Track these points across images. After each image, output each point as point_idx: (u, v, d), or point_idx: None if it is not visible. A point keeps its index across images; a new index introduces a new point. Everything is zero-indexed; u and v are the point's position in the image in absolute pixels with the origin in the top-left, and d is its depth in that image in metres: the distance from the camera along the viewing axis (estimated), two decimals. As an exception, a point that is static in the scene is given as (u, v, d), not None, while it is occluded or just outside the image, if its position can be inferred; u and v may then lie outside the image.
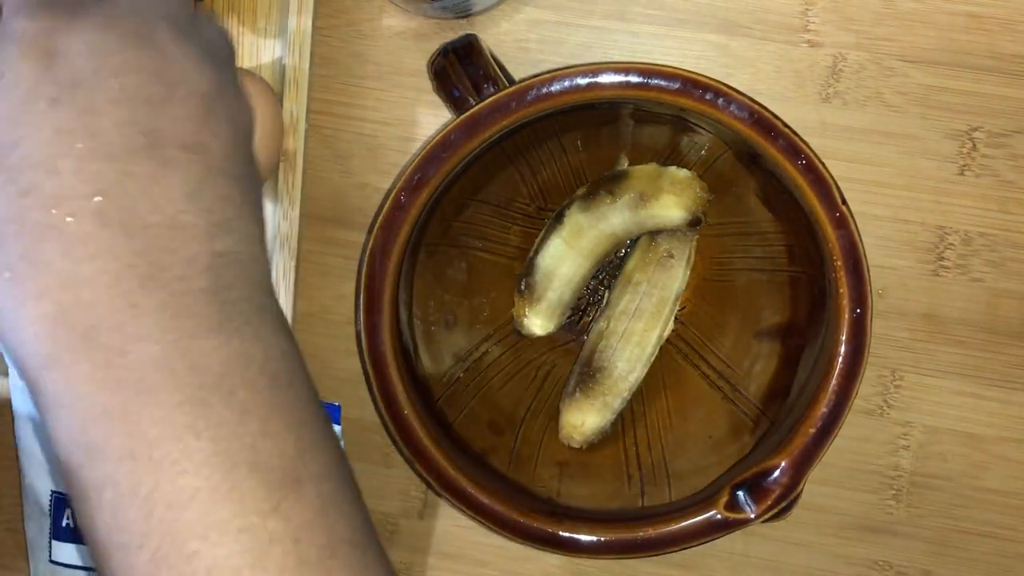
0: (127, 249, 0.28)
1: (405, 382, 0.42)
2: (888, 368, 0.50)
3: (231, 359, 0.28)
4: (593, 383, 0.47)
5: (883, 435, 0.50)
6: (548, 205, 0.49)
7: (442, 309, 0.48)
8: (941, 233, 0.49)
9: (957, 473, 0.50)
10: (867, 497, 0.51)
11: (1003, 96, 0.47)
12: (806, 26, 0.48)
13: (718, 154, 0.46)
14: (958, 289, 0.49)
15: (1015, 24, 0.47)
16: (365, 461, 0.52)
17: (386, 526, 0.53)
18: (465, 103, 0.41)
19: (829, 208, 0.40)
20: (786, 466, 0.41)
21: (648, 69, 0.39)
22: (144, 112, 0.29)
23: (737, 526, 0.42)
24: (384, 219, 0.41)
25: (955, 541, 0.51)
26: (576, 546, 0.42)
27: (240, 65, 0.49)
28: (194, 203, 0.29)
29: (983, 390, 0.50)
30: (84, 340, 0.27)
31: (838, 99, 0.48)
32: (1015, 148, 0.48)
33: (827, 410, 0.41)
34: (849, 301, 0.40)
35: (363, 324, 0.42)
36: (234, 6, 0.49)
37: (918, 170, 0.48)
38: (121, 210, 0.28)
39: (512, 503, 0.43)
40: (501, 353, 0.49)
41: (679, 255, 0.47)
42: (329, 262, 0.51)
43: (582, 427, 0.47)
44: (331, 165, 0.51)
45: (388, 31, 0.49)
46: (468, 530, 0.52)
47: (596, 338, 0.48)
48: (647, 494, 0.45)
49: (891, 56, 0.48)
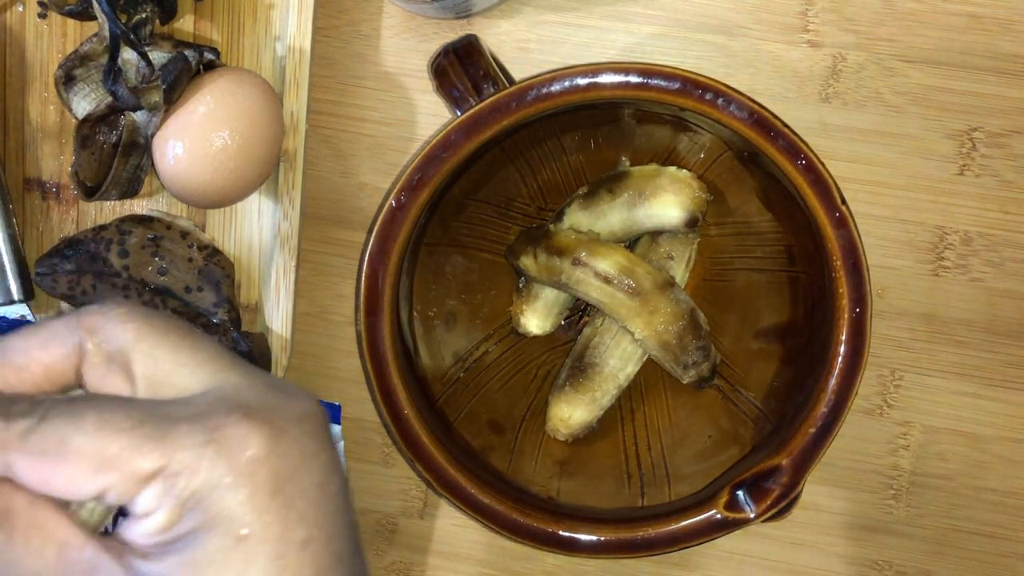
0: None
1: (405, 382, 0.42)
2: (888, 368, 0.50)
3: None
4: (584, 378, 0.47)
5: (883, 435, 0.50)
6: (548, 205, 0.49)
7: (442, 308, 0.48)
8: (941, 233, 0.49)
9: (957, 473, 0.50)
10: (867, 497, 0.51)
11: (1003, 96, 0.47)
12: (806, 26, 0.48)
13: (718, 154, 0.46)
14: (958, 289, 0.49)
15: (1015, 24, 0.47)
16: (365, 461, 0.52)
17: (386, 526, 0.53)
18: (465, 103, 0.41)
19: (829, 208, 0.40)
20: (786, 466, 0.41)
21: (648, 69, 0.40)
22: (344, 521, 0.30)
23: (737, 526, 0.42)
24: (384, 219, 0.41)
25: (955, 541, 0.51)
26: (576, 546, 0.42)
27: (240, 65, 0.49)
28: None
29: (983, 390, 0.50)
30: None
31: (838, 99, 0.48)
32: (1015, 148, 0.48)
33: (827, 410, 0.41)
34: (849, 301, 0.40)
35: (363, 324, 0.42)
36: (234, 6, 0.49)
37: (918, 170, 0.48)
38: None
39: (512, 503, 0.43)
40: (501, 353, 0.49)
41: (679, 256, 0.47)
42: (329, 262, 0.51)
43: (569, 420, 0.47)
44: (331, 165, 0.51)
45: (388, 31, 0.49)
46: (468, 530, 0.52)
47: (590, 334, 0.48)
48: (647, 494, 0.45)
49: (891, 56, 0.48)
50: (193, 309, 0.48)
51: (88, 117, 0.46)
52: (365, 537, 0.53)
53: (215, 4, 0.49)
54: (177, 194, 0.46)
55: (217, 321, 0.48)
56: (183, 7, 0.48)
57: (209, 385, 0.29)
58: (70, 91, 0.47)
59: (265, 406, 0.28)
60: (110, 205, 0.50)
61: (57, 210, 0.51)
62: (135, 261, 0.48)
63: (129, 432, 0.27)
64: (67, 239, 0.48)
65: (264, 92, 0.45)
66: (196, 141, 0.44)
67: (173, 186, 0.45)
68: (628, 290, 0.44)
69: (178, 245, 0.48)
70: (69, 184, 0.50)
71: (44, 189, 0.50)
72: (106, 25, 0.44)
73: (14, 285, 0.49)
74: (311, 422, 0.29)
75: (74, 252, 0.48)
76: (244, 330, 0.49)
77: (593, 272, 0.44)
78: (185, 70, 0.44)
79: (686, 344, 0.45)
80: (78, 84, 0.47)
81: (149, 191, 0.50)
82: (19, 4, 0.49)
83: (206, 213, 0.50)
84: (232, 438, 0.27)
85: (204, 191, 0.45)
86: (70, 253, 0.48)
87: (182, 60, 0.44)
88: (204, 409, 0.28)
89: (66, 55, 0.47)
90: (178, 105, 0.44)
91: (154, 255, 0.48)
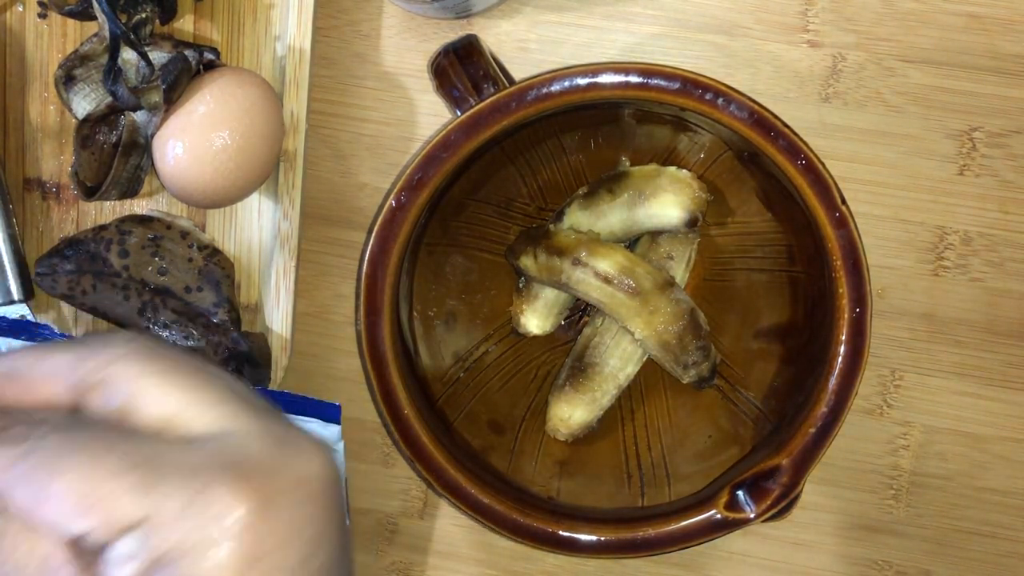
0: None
1: (405, 382, 0.42)
2: (888, 368, 0.50)
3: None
4: (584, 378, 0.47)
5: (883, 435, 0.50)
6: (548, 205, 0.49)
7: (442, 308, 0.48)
8: (941, 233, 0.49)
9: (957, 473, 0.50)
10: (867, 497, 0.51)
11: (1003, 96, 0.47)
12: (806, 26, 0.48)
13: (718, 154, 0.46)
14: (958, 289, 0.49)
15: (1015, 24, 0.47)
16: (365, 461, 0.52)
17: (386, 526, 0.53)
18: (465, 103, 0.41)
19: (829, 208, 0.40)
20: (786, 466, 0.41)
21: (648, 69, 0.39)
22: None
23: (737, 526, 0.42)
24: (384, 219, 0.41)
25: (955, 541, 0.51)
26: (576, 546, 0.42)
27: (240, 65, 0.49)
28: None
29: (983, 390, 0.50)
30: None
31: (838, 99, 0.48)
32: (1015, 148, 0.48)
33: (827, 410, 0.41)
34: (849, 301, 0.40)
35: (363, 324, 0.42)
36: (234, 6, 0.49)
37: (918, 170, 0.48)
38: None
39: (512, 503, 0.43)
40: (501, 353, 0.49)
41: (679, 256, 0.47)
42: (329, 262, 0.51)
43: (569, 420, 0.47)
44: (331, 165, 0.51)
45: (388, 31, 0.49)
46: (468, 530, 0.52)
47: (590, 333, 0.48)
48: (647, 494, 0.45)
49: (891, 56, 0.48)
50: (193, 309, 0.48)
51: (88, 117, 0.46)
52: (365, 537, 0.53)
53: (215, 4, 0.49)
54: (177, 194, 0.46)
55: (217, 321, 0.48)
56: (183, 7, 0.48)
57: (215, 429, 0.28)
58: (70, 91, 0.47)
59: (262, 466, 0.28)
60: (110, 205, 0.50)
61: (57, 210, 0.51)
62: (135, 261, 0.48)
63: (118, 477, 0.26)
64: (67, 239, 0.48)
65: (264, 92, 0.45)
66: (196, 141, 0.44)
67: (173, 186, 0.45)
68: (628, 290, 0.44)
69: (178, 245, 0.48)
70: (69, 184, 0.50)
71: (44, 189, 0.50)
72: (106, 25, 0.44)
73: (14, 285, 0.48)
74: (309, 487, 0.29)
75: (74, 252, 0.48)
76: (244, 330, 0.49)
77: (593, 272, 0.44)
78: (185, 70, 0.44)
79: (686, 344, 0.45)
80: (78, 84, 0.47)
81: (149, 191, 0.50)
82: (19, 4, 0.49)
83: (206, 213, 0.50)
84: (219, 501, 0.26)
85: (204, 191, 0.45)
86: (70, 253, 0.48)
87: (182, 60, 0.44)
88: (200, 462, 0.27)
89: (66, 55, 0.47)
90: (178, 105, 0.44)
91: (154, 255, 0.48)
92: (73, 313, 0.50)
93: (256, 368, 0.48)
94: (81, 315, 0.50)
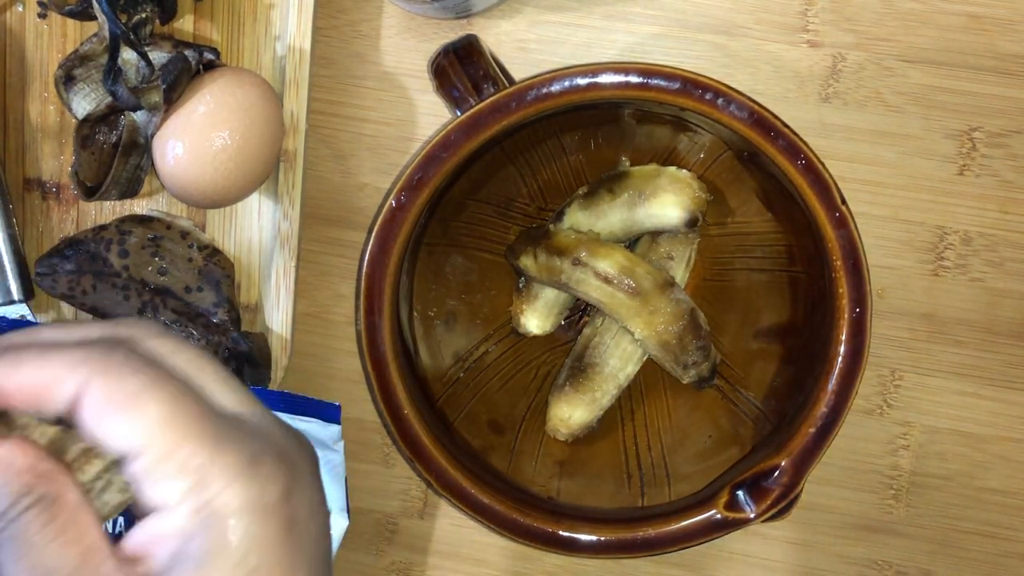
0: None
1: (405, 382, 0.42)
2: (888, 368, 0.50)
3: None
4: (584, 378, 0.47)
5: (883, 435, 0.50)
6: (548, 205, 0.49)
7: (442, 308, 0.48)
8: (941, 233, 0.49)
9: (957, 473, 0.50)
10: (867, 497, 0.51)
11: (1003, 96, 0.47)
12: (806, 26, 0.48)
13: (718, 154, 0.46)
14: (958, 289, 0.49)
15: (1015, 24, 0.47)
16: (365, 461, 0.52)
17: (386, 526, 0.53)
18: (465, 103, 0.41)
19: (829, 208, 0.40)
20: (786, 466, 0.41)
21: (648, 69, 0.39)
22: (328, 571, 0.31)
23: (737, 526, 0.42)
24: (384, 219, 0.41)
25: (955, 541, 0.51)
26: (576, 546, 0.42)
27: (240, 65, 0.49)
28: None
29: (983, 390, 0.50)
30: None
31: (838, 99, 0.48)
32: (1015, 148, 0.48)
33: (827, 410, 0.41)
34: (849, 301, 0.40)
35: (363, 324, 0.42)
36: (234, 6, 0.49)
37: (918, 170, 0.48)
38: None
39: (512, 503, 0.43)
40: (501, 353, 0.49)
41: (679, 256, 0.47)
42: (329, 262, 0.51)
43: (569, 421, 0.47)
44: (331, 165, 0.51)
45: (388, 31, 0.49)
46: (468, 530, 0.52)
47: (590, 333, 0.48)
48: (647, 494, 0.45)
49: (891, 56, 0.48)
50: (193, 309, 0.48)
51: (88, 117, 0.46)
52: (365, 537, 0.53)
53: (215, 4, 0.49)
54: (177, 194, 0.46)
55: (217, 321, 0.48)
56: (183, 7, 0.48)
57: (242, 410, 0.30)
58: (70, 91, 0.47)
59: (287, 448, 0.30)
60: (110, 205, 0.50)
61: (57, 210, 0.51)
62: (135, 261, 0.48)
63: (197, 421, 0.28)
64: (67, 239, 0.48)
65: (264, 92, 0.45)
66: (196, 141, 0.44)
67: (173, 186, 0.45)
68: (628, 290, 0.44)
69: (178, 245, 0.48)
70: (69, 184, 0.50)
71: (44, 189, 0.50)
72: (106, 25, 0.44)
73: (14, 285, 0.49)
74: (317, 470, 0.31)
75: (74, 252, 0.48)
76: (244, 330, 0.49)
77: (593, 272, 0.44)
78: (185, 70, 0.44)
79: (686, 344, 0.45)
80: (78, 84, 0.47)
81: (149, 191, 0.50)
82: (19, 4, 0.49)
83: (206, 213, 0.50)
84: (266, 474, 0.28)
85: (204, 191, 0.45)
86: (70, 253, 0.48)
87: (182, 60, 0.44)
88: (248, 434, 0.29)
89: (66, 55, 0.47)
90: (178, 105, 0.44)
91: (154, 255, 0.48)
92: (73, 313, 0.50)
93: (256, 368, 0.48)
94: (81, 315, 0.50)
